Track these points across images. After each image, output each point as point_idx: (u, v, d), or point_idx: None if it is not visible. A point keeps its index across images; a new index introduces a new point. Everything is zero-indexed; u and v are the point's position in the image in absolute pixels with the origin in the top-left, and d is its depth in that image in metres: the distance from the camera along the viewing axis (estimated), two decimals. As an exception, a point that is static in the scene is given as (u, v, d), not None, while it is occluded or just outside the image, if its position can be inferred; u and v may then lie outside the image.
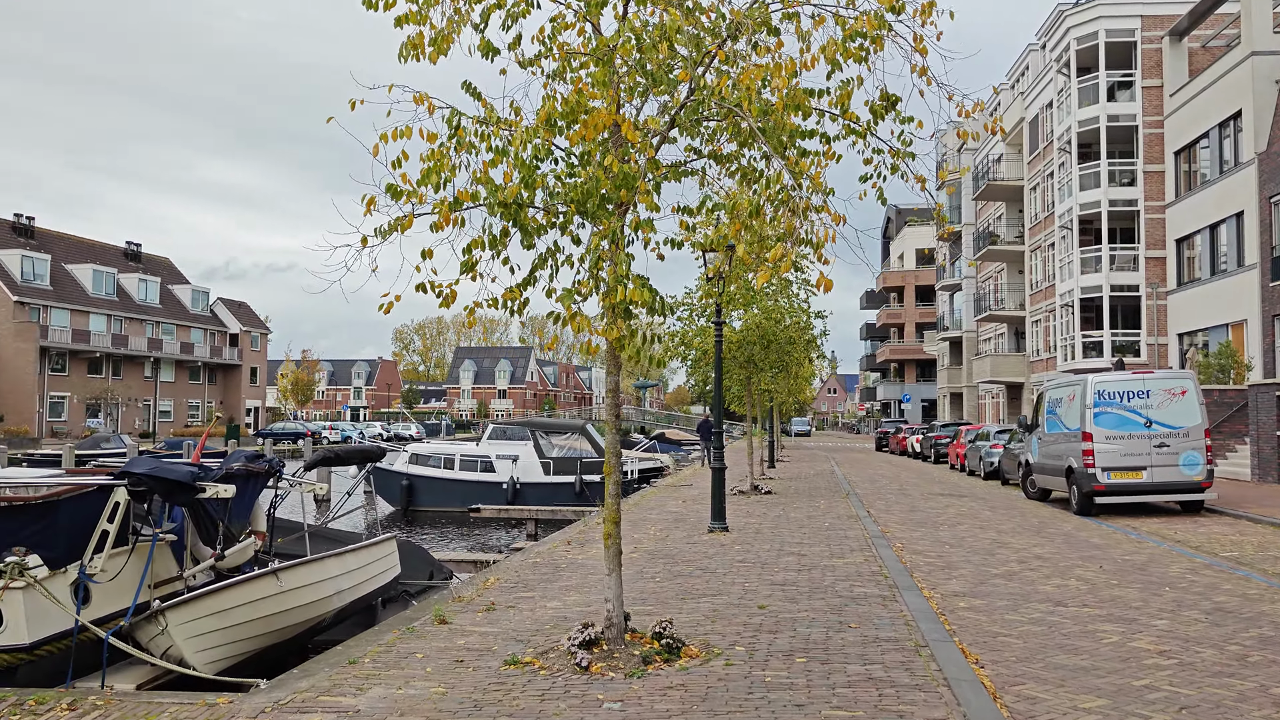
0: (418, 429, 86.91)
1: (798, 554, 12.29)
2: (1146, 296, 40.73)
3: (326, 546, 11.22)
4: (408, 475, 28.53)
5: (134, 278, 77.55)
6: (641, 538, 14.20)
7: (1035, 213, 51.55)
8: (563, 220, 6.43)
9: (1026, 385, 53.10)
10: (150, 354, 75.13)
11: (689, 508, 19.10)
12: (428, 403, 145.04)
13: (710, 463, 15.91)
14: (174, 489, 8.22)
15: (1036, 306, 51.25)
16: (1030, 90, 52.04)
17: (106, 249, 79.87)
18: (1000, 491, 24.98)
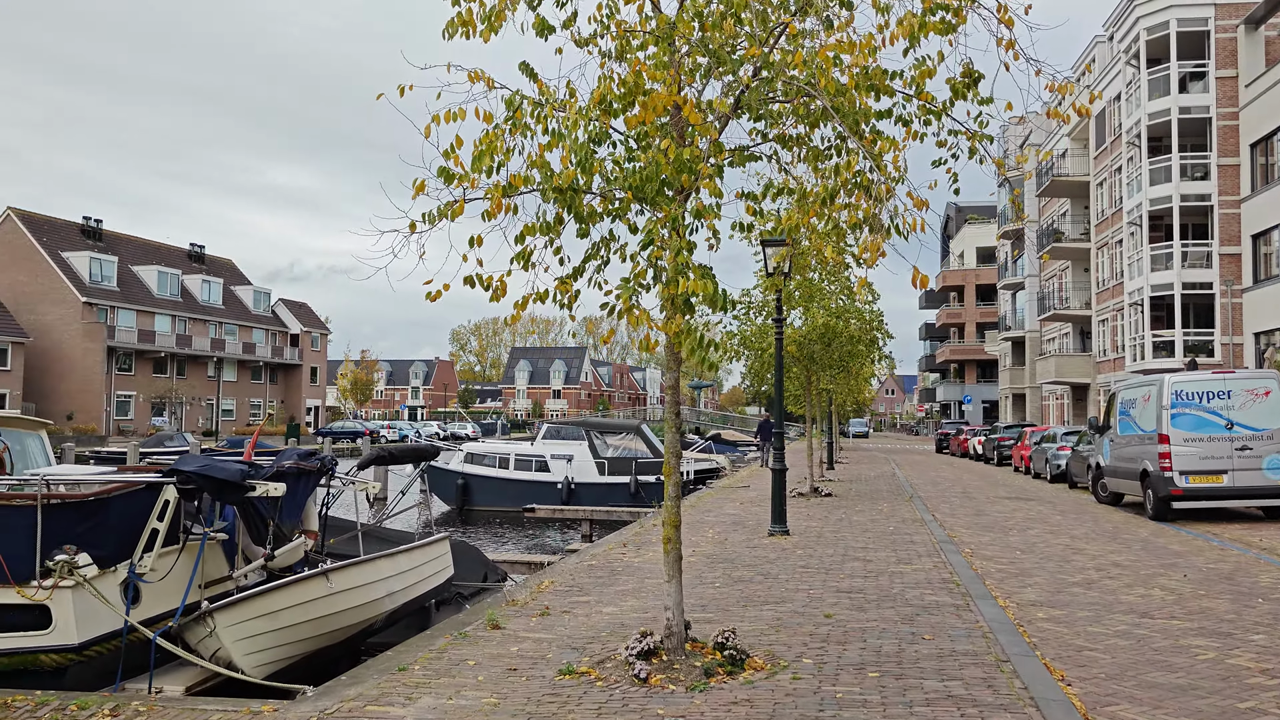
0: (473, 428, 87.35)
1: (863, 559, 11.82)
2: (1220, 294, 39.37)
3: (379, 546, 11.02)
4: (463, 474, 28.45)
5: (197, 279, 78.95)
6: (700, 541, 13.83)
7: (1102, 209, 50.19)
8: (619, 207, 6.08)
9: (1093, 386, 51.73)
10: (213, 354, 76.43)
11: (747, 510, 18.68)
12: (483, 402, 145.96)
13: (769, 464, 15.50)
14: (223, 487, 8.04)
15: (1103, 305, 49.88)
16: (1097, 83, 50.67)
17: (171, 251, 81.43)
18: (1069, 495, 24.17)
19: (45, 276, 66.57)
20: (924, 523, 16.24)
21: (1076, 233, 54.78)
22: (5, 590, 7.65)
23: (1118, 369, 46.80)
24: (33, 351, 64.65)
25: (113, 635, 7.88)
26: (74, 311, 66.28)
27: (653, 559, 11.99)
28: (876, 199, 5.76)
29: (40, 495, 7.73)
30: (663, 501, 20.89)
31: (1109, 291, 48.75)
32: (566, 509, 23.01)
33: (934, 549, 12.86)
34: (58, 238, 69.35)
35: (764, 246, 14.17)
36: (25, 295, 66.20)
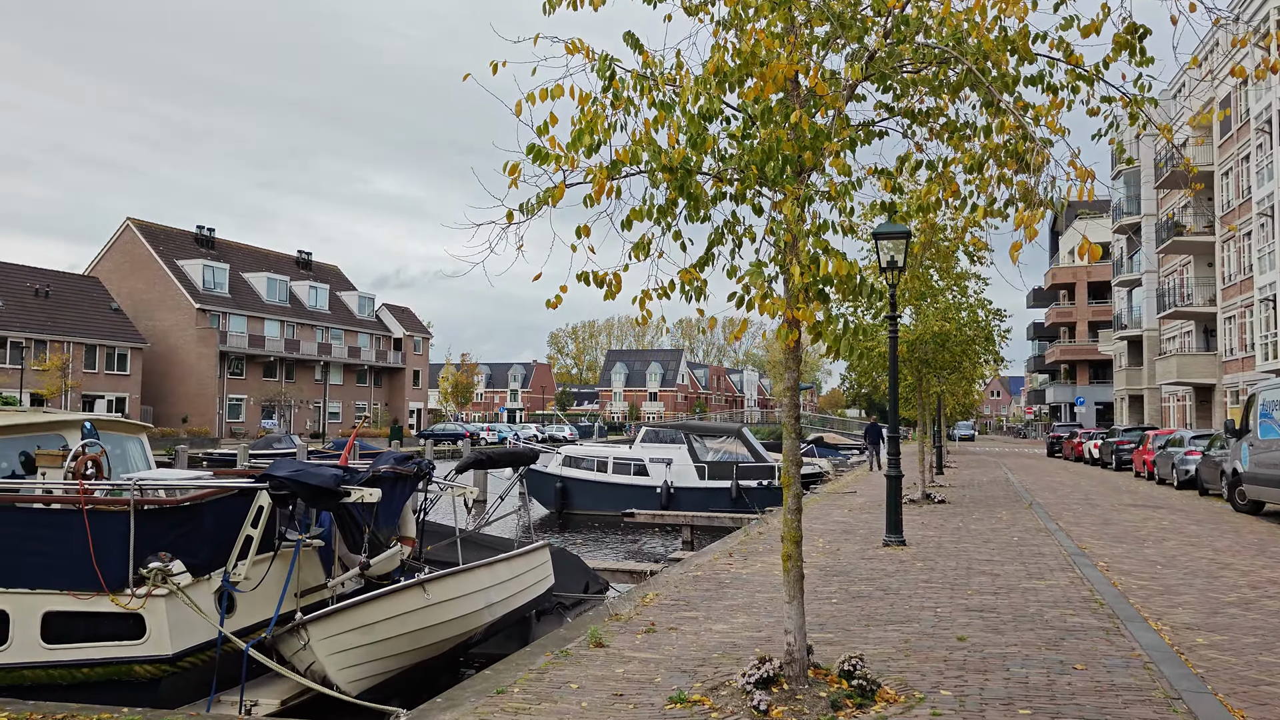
0: (571, 431, 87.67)
1: (990, 573, 10.98)
2: (1362, 289, 36.80)
3: (478, 553, 10.64)
4: (561, 478, 28.17)
5: (305, 285, 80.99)
6: (810, 551, 13.13)
7: (1227, 200, 47.53)
8: (738, 188, 5.48)
9: (1218, 387, 49.01)
10: (320, 358, 78.27)
11: (856, 517, 17.87)
12: (580, 405, 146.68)
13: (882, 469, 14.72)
14: (317, 493, 7.72)
15: (1230, 302, 47.16)
16: (1220, 68, 47.92)
17: (280, 258, 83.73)
18: (1200, 503, 22.64)
19: (161, 284, 69.05)
20: (1049, 533, 15.21)
21: (1199, 226, 51.99)
22: (100, 598, 7.46)
23: (1246, 369, 44.19)
24: (150, 356, 67.11)
25: (207, 646, 7.63)
26: (188, 317, 68.58)
27: (761, 570, 11.36)
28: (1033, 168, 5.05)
29: (134, 501, 7.52)
30: (769, 510, 20.26)
31: (1236, 287, 46.07)
32: (666, 514, 22.47)
33: (1066, 562, 11.91)
34: (173, 246, 71.90)
35: (876, 240, 13.40)
36: (143, 302, 68.78)
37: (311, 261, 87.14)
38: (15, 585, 7.57)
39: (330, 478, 7.77)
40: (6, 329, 56.00)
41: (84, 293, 64.48)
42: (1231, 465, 21.06)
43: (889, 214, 5.93)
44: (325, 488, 7.69)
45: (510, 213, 5.30)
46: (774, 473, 26.91)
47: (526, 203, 5.30)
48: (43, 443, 9.03)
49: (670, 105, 5.20)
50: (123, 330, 64.27)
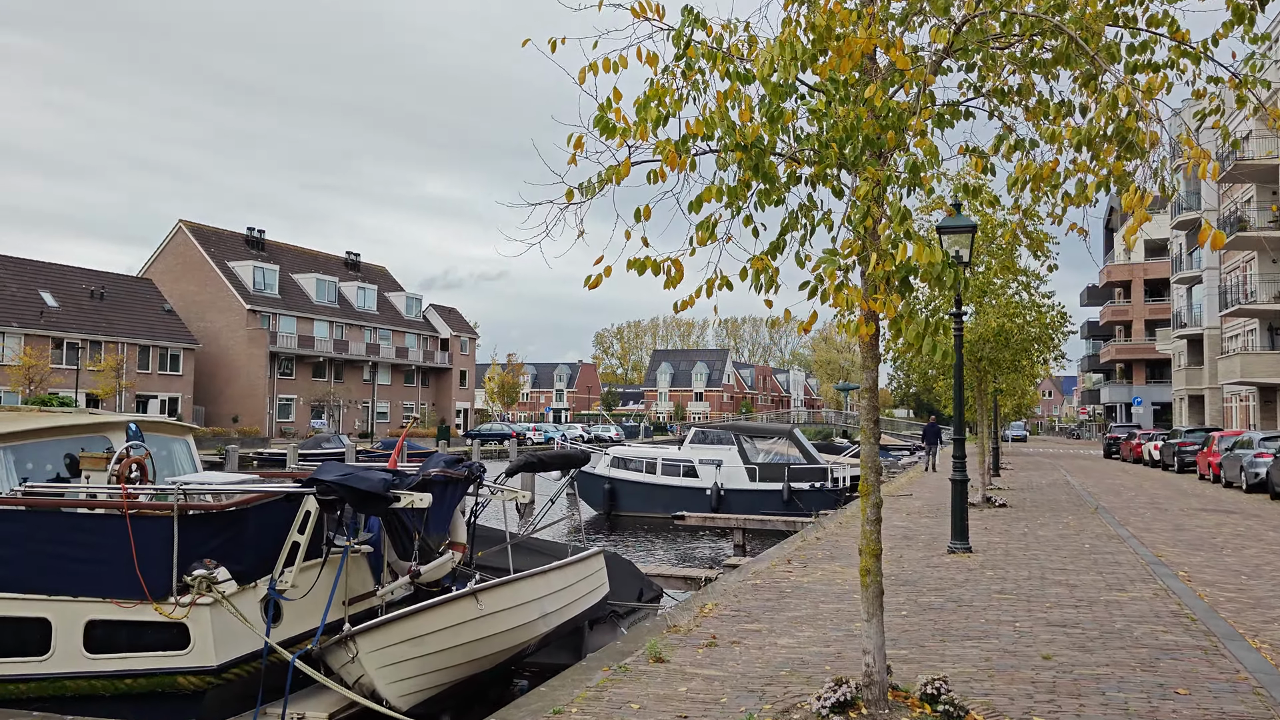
0: (617, 431, 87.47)
1: (1065, 583, 10.42)
2: None
3: (530, 559, 10.31)
4: (609, 479, 27.84)
5: (353, 286, 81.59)
6: (871, 557, 12.66)
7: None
8: (816, 169, 5.05)
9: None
10: (368, 358, 78.80)
11: (916, 522, 17.30)
12: (625, 405, 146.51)
13: (937, 470, 14.16)
14: (365, 498, 7.42)
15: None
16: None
17: (329, 259, 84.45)
18: (1274, 507, 21.74)
19: (213, 285, 69.88)
20: (1121, 539, 14.56)
21: (1264, 221, 50.41)
22: (143, 607, 7.22)
23: (1315, 368, 42.76)
24: (202, 357, 67.95)
25: (253, 656, 7.35)
26: (239, 318, 69.33)
27: (823, 579, 10.91)
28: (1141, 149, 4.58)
29: (178, 506, 7.27)
30: (823, 513, 19.62)
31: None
32: (718, 517, 22.03)
33: (1145, 572, 11.31)
34: (224, 248, 72.75)
35: (941, 235, 12.87)
36: (195, 304, 69.66)
37: (360, 262, 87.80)
38: (58, 592, 7.35)
39: (379, 482, 7.46)
40: (62, 330, 56.94)
41: (137, 294, 65.44)
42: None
43: (971, 197, 5.44)
44: (374, 492, 7.38)
45: (570, 191, 4.91)
46: (826, 475, 26.39)
47: (587, 182, 4.92)
48: (88, 444, 8.84)
49: (747, 76, 4.79)
50: (175, 331, 65.11)
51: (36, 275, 59.35)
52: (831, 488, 26.17)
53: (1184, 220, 63.17)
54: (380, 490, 7.40)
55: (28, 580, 7.39)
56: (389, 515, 7.69)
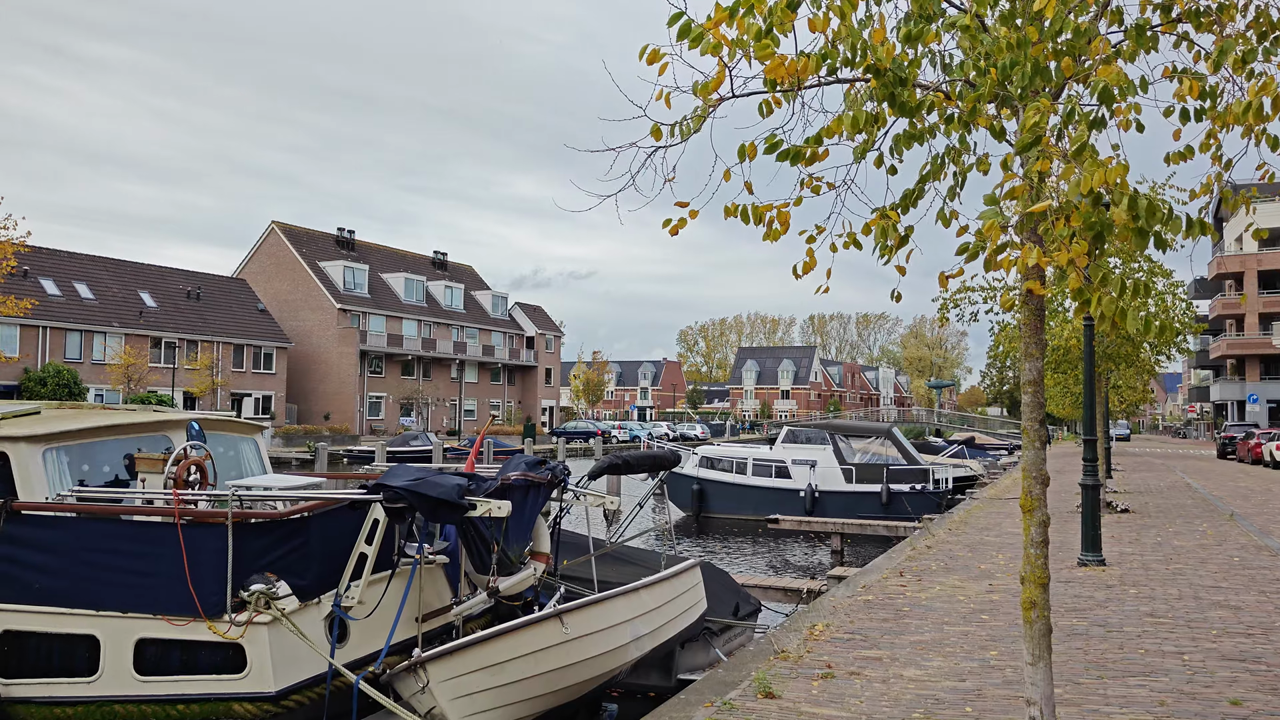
0: (702, 429, 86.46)
1: (1227, 605, 9.16)
2: None
3: (619, 570, 9.46)
4: (698, 479, 26.89)
5: (440, 285, 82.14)
6: (992, 569, 11.49)
7: None
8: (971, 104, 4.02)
9: None
10: (455, 356, 79.23)
11: (1033, 528, 16.00)
12: (710, 403, 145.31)
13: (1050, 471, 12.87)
14: (438, 506, 6.64)
15: None
16: None
17: (417, 258, 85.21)
18: None
19: (304, 285, 70.95)
20: (1272, 551, 13.09)
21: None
22: (196, 625, 6.56)
23: None
24: (294, 355, 69.03)
25: (315, 681, 6.64)
26: (330, 317, 70.24)
27: (942, 595, 9.82)
28: None
29: (233, 513, 6.58)
30: (928, 518, 18.39)
31: None
32: (814, 520, 20.93)
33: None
34: (315, 249, 73.84)
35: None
36: (288, 303, 70.83)
37: (447, 262, 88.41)
38: (106, 607, 6.74)
39: (453, 488, 6.68)
40: (160, 329, 58.26)
41: (232, 294, 66.74)
42: None
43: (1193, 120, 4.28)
44: (447, 500, 6.60)
45: (656, 128, 4.00)
46: (927, 476, 25.04)
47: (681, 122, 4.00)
48: (146, 444, 8.26)
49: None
50: (269, 330, 66.22)
51: (135, 276, 60.87)
52: (933, 490, 24.81)
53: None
54: (453, 497, 6.61)
55: (75, 594, 6.80)
56: (464, 524, 6.91)
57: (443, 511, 6.70)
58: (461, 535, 7.12)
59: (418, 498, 6.58)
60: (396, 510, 6.63)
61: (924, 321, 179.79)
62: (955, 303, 18.78)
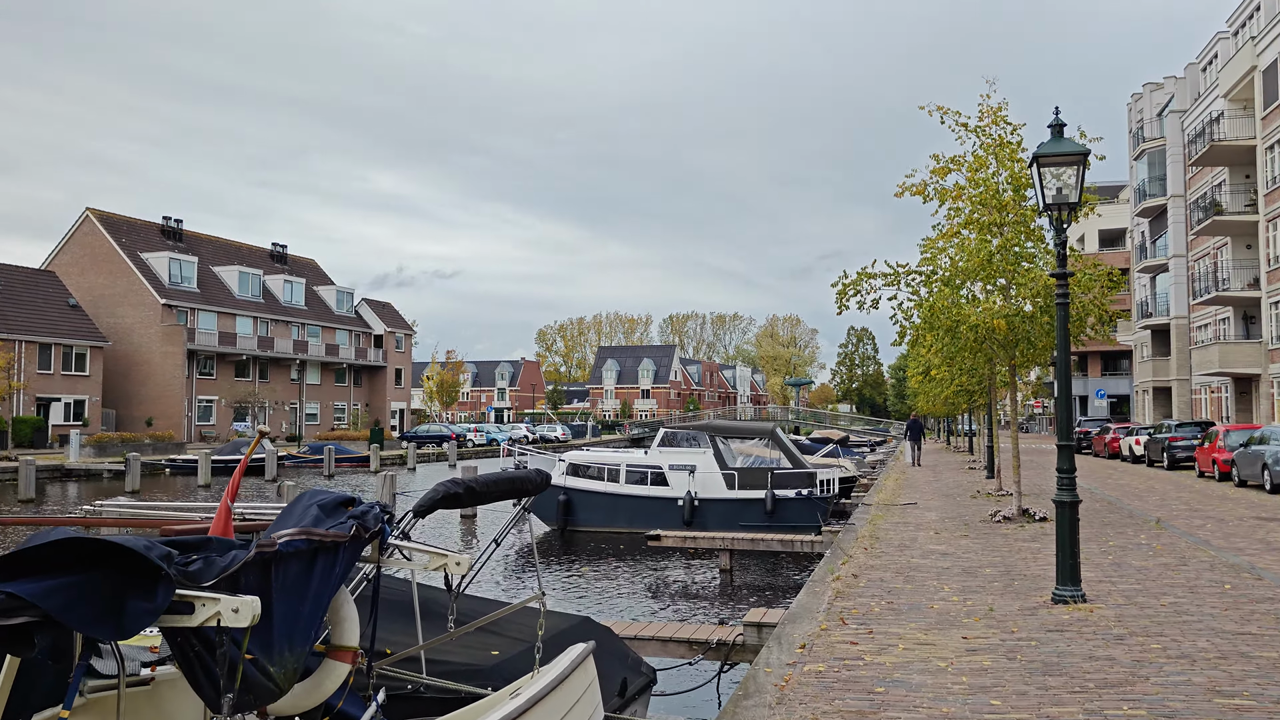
0: (563, 430, 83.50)
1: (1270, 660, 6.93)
2: None
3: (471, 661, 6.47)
4: (565, 489, 24.01)
5: (280, 279, 76.51)
6: (947, 609, 9.08)
7: (1274, 175, 43.77)
8: None
9: (1263, 377, 45.36)
10: (296, 356, 73.83)
11: (957, 544, 13.82)
12: (570, 403, 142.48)
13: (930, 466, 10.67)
14: (96, 620, 3.47)
15: (1278, 285, 43.42)
16: (1265, 33, 44.26)
17: (252, 251, 79.25)
18: (1339, 514, 18.76)
19: (124, 278, 64.56)
20: (1242, 570, 11.20)
21: (1239, 204, 48.25)
22: None
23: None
24: (112, 355, 62.62)
25: None
26: (153, 314, 64.10)
27: (913, 660, 7.29)
28: None
29: None
30: (830, 528, 15.86)
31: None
32: (700, 535, 18.38)
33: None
34: (137, 239, 67.39)
35: (1038, 165, 9.34)
36: (104, 298, 64.30)
37: (287, 255, 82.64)
38: None
39: (146, 571, 3.56)
40: (-51, 327, 51.43)
41: (38, 288, 59.88)
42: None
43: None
44: (124, 600, 3.49)
45: None
46: (814, 480, 22.87)
47: None
48: None
49: None
50: (81, 327, 59.71)
51: (-82, 266, 53.73)
52: (820, 495, 22.67)
53: (1148, 207, 61.14)
54: (138, 595, 3.50)
55: None
56: (173, 635, 3.85)
57: (105, 624, 3.53)
58: (173, 650, 4.00)
59: (60, 604, 3.41)
60: (16, 633, 3.42)
61: (777, 321, 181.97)
62: (856, 289, 16.66)
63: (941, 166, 16.72)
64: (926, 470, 33.77)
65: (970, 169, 16.46)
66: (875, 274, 16.61)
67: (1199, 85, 56.15)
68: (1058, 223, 9.32)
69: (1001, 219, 16.13)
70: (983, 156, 16.47)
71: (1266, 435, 27.02)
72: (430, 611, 6.89)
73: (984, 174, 16.33)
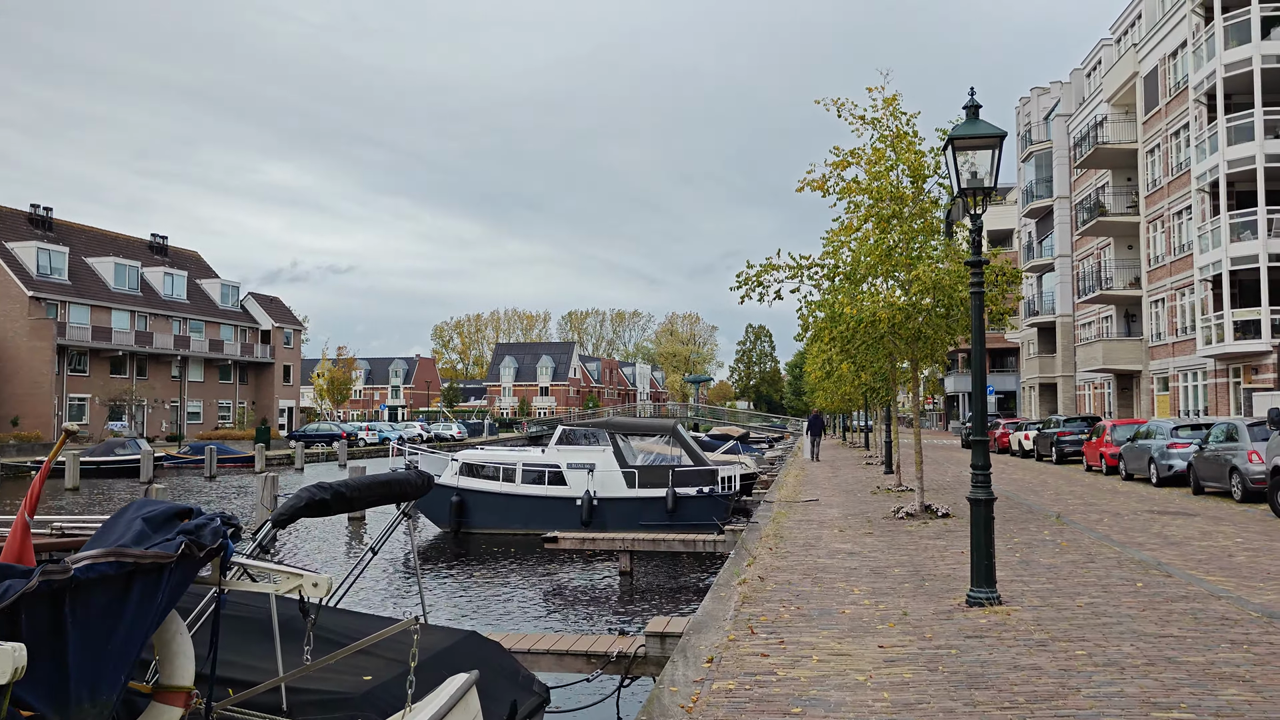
0: (459, 429, 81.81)
1: (1235, 678, 6.60)
2: (1315, 267, 34.50)
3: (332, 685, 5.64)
4: (458, 489, 23.04)
5: (159, 271, 72.98)
6: (859, 613, 8.61)
7: (1154, 178, 45.27)
8: None
9: (1144, 374, 46.92)
10: (177, 352, 70.49)
11: (861, 543, 13.46)
12: (468, 401, 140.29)
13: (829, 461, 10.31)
14: None
15: (1158, 284, 44.94)
16: (1145, 40, 45.73)
17: (130, 242, 75.47)
18: (1216, 505, 19.21)
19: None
20: (1149, 566, 11.07)
21: (1121, 206, 49.86)
22: None
23: (1179, 354, 42.01)
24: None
25: None
26: (19, 307, 60.38)
27: (828, 673, 6.75)
28: None
29: None
30: (734, 528, 15.44)
31: (1165, 268, 43.84)
32: (599, 537, 17.67)
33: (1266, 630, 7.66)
34: (2, 227, 63.40)
35: (953, 149, 8.94)
36: (-36, 290, 60.32)
37: (167, 246, 78.97)
38: None
39: None
40: None
41: (-111, 278, 55.79)
42: (1273, 462, 17.55)
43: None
44: None
45: None
46: (715, 477, 22.43)
47: None
48: None
49: None
50: (-62, 321, 55.85)
51: None
52: (721, 493, 22.23)
53: (1035, 208, 62.86)
54: None
55: None
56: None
57: None
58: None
59: None
60: None
61: (676, 318, 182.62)
62: (759, 281, 16.25)
63: (841, 160, 16.44)
64: (825, 466, 33.79)
65: (869, 162, 16.21)
66: (779, 266, 16.23)
67: (1084, 90, 57.89)
68: (973, 208, 8.93)
69: (899, 210, 15.91)
70: (881, 149, 16.24)
71: (1152, 430, 27.70)
72: (296, 634, 6.05)
73: (882, 166, 16.09)
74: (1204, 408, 39.74)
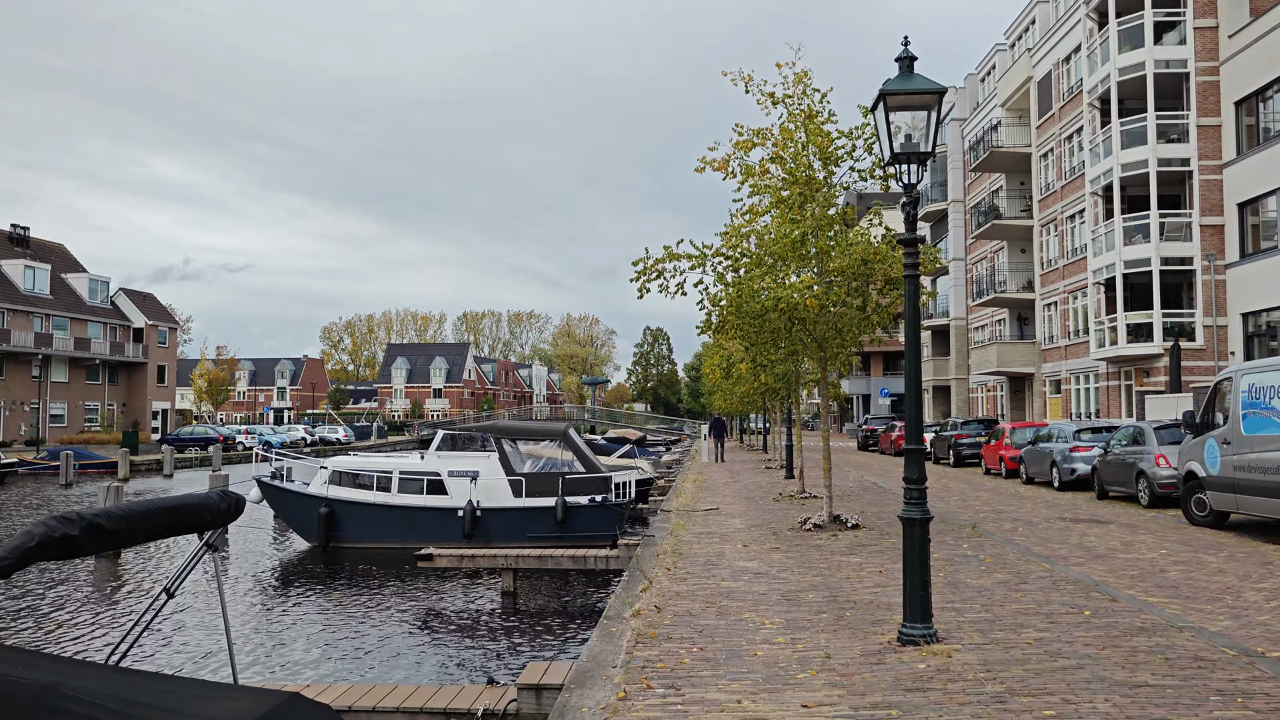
0: (345, 432, 78.45)
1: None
2: (1203, 270, 34.80)
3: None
4: (327, 500, 20.98)
5: (19, 264, 67.98)
6: (773, 655, 7.17)
7: (1048, 182, 45.56)
8: None
9: (1037, 376, 47.23)
10: (38, 350, 65.71)
11: (769, 562, 12.09)
12: (358, 403, 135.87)
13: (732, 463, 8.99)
14: None
15: (1050, 287, 45.22)
16: (1040, 45, 46.00)
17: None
18: (1125, 511, 18.60)
19: None
20: (1084, 587, 9.95)
21: (1015, 210, 50.22)
22: None
23: (1071, 356, 42.27)
24: None
25: None
26: None
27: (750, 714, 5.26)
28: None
29: None
30: (629, 541, 13.69)
31: (1058, 272, 44.12)
32: (479, 553, 15.94)
33: (1245, 667, 6.50)
34: None
35: (886, 106, 7.58)
36: None
37: (29, 238, 73.70)
38: None
39: None
40: None
41: None
42: (1189, 467, 16.88)
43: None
44: None
45: None
46: (609, 485, 20.91)
47: None
48: None
49: None
50: None
51: None
52: (615, 501, 20.71)
53: (930, 211, 63.24)
54: None
55: None
56: None
57: None
58: None
59: None
60: None
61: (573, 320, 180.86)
62: (658, 271, 14.81)
63: (746, 140, 15.14)
64: (725, 470, 32.63)
65: (777, 142, 14.94)
66: (680, 255, 14.82)
67: (978, 95, 58.32)
68: (906, 176, 7.59)
69: (809, 194, 14.68)
70: (790, 129, 14.99)
71: (1053, 432, 27.25)
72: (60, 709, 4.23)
73: (793, 148, 14.84)
74: (1096, 410, 39.98)
